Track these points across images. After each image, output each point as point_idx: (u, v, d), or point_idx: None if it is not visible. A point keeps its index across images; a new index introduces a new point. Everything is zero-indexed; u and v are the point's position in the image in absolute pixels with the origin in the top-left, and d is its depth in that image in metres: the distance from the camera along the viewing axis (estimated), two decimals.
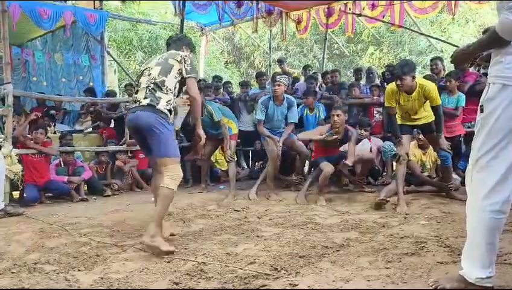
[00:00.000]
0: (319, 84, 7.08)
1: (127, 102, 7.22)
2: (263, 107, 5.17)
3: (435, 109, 4.32)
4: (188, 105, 3.47)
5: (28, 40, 9.66)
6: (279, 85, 5.10)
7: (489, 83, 1.92)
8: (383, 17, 7.64)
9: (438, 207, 4.13)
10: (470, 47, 2.06)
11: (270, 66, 9.49)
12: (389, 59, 13.92)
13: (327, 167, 4.77)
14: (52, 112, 7.66)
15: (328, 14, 8.16)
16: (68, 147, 5.68)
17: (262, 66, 15.79)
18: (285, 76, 5.44)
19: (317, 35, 14.34)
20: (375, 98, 6.13)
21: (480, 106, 1.95)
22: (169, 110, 3.07)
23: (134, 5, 12.32)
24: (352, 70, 8.36)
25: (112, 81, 11.00)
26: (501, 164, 1.87)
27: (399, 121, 4.52)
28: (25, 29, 7.95)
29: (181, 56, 3.17)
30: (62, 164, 5.55)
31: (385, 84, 6.22)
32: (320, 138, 4.88)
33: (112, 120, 7.55)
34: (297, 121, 5.33)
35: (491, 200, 1.88)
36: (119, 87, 12.17)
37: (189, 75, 3.14)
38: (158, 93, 3.05)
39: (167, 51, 3.39)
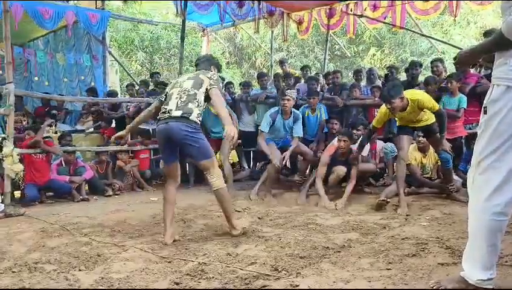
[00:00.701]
0: (320, 85, 7.08)
1: (129, 102, 7.26)
2: (270, 120, 5.17)
3: (436, 113, 4.31)
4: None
5: (30, 40, 9.69)
6: (288, 100, 5.12)
7: (493, 85, 1.91)
8: (385, 18, 7.65)
9: (439, 208, 4.13)
10: (475, 49, 2.05)
11: (271, 66, 9.49)
12: (390, 60, 13.91)
13: (340, 169, 4.83)
14: (54, 111, 7.68)
15: (330, 15, 8.16)
16: (68, 146, 5.68)
17: (263, 66, 15.78)
18: (294, 91, 5.45)
19: (319, 36, 14.34)
20: (376, 99, 6.13)
21: (484, 107, 1.94)
22: (199, 121, 3.25)
23: (136, 5, 12.34)
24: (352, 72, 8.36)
25: (114, 81, 11.01)
26: (504, 166, 1.86)
27: (399, 123, 4.53)
28: (27, 29, 7.98)
29: (211, 74, 3.41)
30: (63, 164, 5.56)
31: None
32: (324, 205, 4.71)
33: (113, 120, 7.57)
34: (302, 135, 5.37)
35: (493, 202, 1.88)
36: (120, 87, 12.17)
37: (213, 86, 3.30)
38: (190, 105, 3.22)
39: (196, 70, 3.65)
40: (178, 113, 3.19)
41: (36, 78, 9.56)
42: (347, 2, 7.72)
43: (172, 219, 3.39)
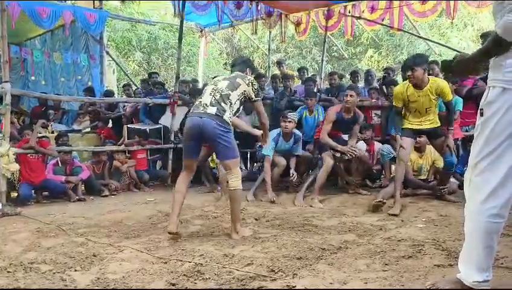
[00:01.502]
0: (317, 86, 7.08)
1: (126, 102, 7.24)
2: (274, 144, 5.20)
3: (448, 103, 4.31)
4: None
5: (27, 39, 9.64)
6: (290, 122, 5.18)
7: (489, 87, 1.92)
8: (382, 20, 7.65)
9: (436, 210, 4.13)
10: (471, 58, 2.03)
11: (269, 67, 9.49)
12: (387, 62, 13.95)
13: (328, 159, 4.85)
14: (51, 111, 7.66)
15: (328, 17, 8.16)
16: (65, 146, 5.66)
17: (261, 67, 15.80)
18: (295, 113, 5.51)
19: (317, 37, 14.36)
20: (373, 100, 6.14)
21: (480, 109, 1.95)
22: (230, 121, 3.37)
23: (134, 5, 12.32)
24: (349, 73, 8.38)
25: (111, 81, 10.99)
26: (500, 168, 1.87)
27: (405, 125, 4.47)
28: (24, 28, 7.94)
29: (249, 80, 3.50)
30: (60, 164, 5.54)
31: (384, 87, 6.24)
32: (338, 150, 4.90)
33: (110, 120, 7.55)
34: (301, 154, 5.45)
35: (490, 204, 1.88)
36: (117, 87, 12.16)
37: (257, 98, 3.52)
38: (223, 105, 3.33)
39: (231, 71, 3.77)
40: (213, 110, 3.28)
41: (33, 78, 9.52)
42: (345, 4, 7.73)
43: (180, 210, 3.42)
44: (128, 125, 6.71)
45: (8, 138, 4.79)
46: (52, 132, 6.63)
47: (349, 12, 7.82)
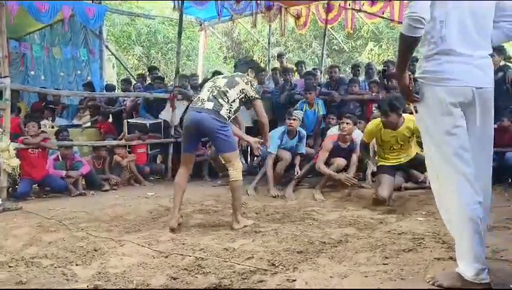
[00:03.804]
0: (317, 80, 7.06)
1: (126, 97, 7.24)
2: (279, 141, 5.20)
3: None
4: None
5: (26, 34, 9.60)
6: (294, 120, 5.18)
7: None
8: (383, 13, 7.62)
9: (436, 203, 4.12)
10: (397, 63, 2.14)
11: (269, 61, 9.46)
12: (388, 55, 13.89)
13: (340, 160, 4.84)
14: (51, 105, 7.64)
15: (328, 10, 8.13)
16: (65, 141, 5.66)
17: (261, 61, 15.75)
18: (300, 111, 5.49)
19: (317, 30, 14.29)
20: (373, 94, 6.12)
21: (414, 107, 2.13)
22: (228, 117, 3.47)
23: (134, 2, 12.28)
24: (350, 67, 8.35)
25: (111, 75, 10.98)
26: (453, 167, 1.98)
27: (381, 163, 4.36)
28: (23, 22, 7.90)
29: (247, 79, 3.62)
30: (60, 158, 5.54)
31: (384, 80, 6.22)
32: (340, 177, 4.74)
33: (110, 115, 7.54)
34: (305, 152, 5.41)
35: (466, 200, 1.96)
36: (117, 82, 12.14)
37: (256, 96, 3.60)
38: (220, 100, 3.44)
39: (234, 71, 3.93)
40: (210, 105, 3.41)
41: (32, 73, 9.51)
42: None
43: (180, 205, 3.55)
44: (129, 120, 6.71)
45: (8, 133, 4.79)
46: (52, 127, 6.63)
47: (349, 5, 7.79)
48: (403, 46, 2.01)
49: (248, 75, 3.74)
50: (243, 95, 3.54)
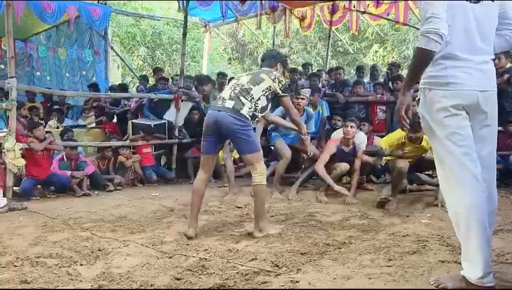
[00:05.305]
0: (322, 81, 7.06)
1: (130, 98, 7.27)
2: (281, 115, 5.15)
3: None
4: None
5: (32, 35, 9.68)
6: (302, 98, 5.13)
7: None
8: (388, 14, 7.61)
9: (439, 207, 4.11)
10: (405, 85, 2.11)
11: None
12: (393, 57, 13.87)
13: (343, 165, 4.83)
14: (56, 107, 7.68)
15: (332, 12, 8.13)
16: (70, 142, 5.69)
17: None
18: (308, 90, 5.46)
19: (321, 32, 14.29)
20: (378, 96, 6.12)
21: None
22: (251, 116, 3.26)
23: (139, 3, 12.33)
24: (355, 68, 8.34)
25: (115, 76, 11.02)
26: (459, 164, 1.98)
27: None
28: (29, 23, 7.97)
29: (274, 75, 3.38)
30: (65, 159, 5.56)
31: (389, 82, 6.21)
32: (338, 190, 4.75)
33: (115, 115, 7.57)
34: (314, 131, 5.36)
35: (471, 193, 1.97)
36: (121, 82, 12.19)
37: (285, 94, 3.42)
38: (242, 99, 3.23)
39: (261, 65, 3.66)
40: (230, 104, 3.21)
41: (38, 73, 9.57)
42: None
43: (198, 212, 3.35)
44: (133, 121, 6.73)
45: (14, 133, 4.82)
46: (57, 127, 6.66)
47: (354, 7, 7.78)
48: (419, 60, 1.98)
49: (277, 69, 3.53)
50: (269, 92, 3.34)
